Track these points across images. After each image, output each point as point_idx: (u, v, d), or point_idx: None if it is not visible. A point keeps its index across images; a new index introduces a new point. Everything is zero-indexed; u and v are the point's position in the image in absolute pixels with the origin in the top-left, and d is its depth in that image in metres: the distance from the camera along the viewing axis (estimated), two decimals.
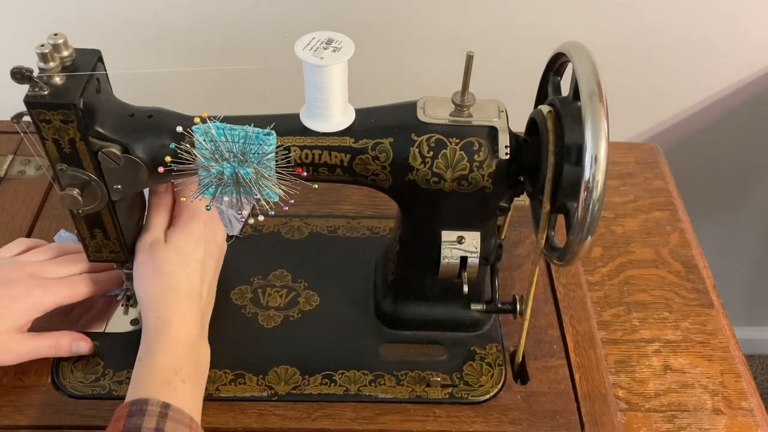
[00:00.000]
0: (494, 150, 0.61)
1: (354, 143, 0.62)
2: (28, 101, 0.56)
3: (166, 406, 0.57)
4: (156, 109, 0.62)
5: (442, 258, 0.66)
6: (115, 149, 0.59)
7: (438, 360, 0.73)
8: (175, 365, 0.61)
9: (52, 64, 0.56)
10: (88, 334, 0.73)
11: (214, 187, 0.61)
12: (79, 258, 0.71)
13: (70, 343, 0.69)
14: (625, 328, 0.79)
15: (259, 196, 0.61)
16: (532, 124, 0.64)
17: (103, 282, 0.72)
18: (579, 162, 0.55)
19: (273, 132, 0.60)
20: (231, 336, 0.74)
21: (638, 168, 0.97)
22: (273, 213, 0.62)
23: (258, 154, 0.60)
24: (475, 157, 0.61)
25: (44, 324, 0.69)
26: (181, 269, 0.66)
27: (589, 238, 0.56)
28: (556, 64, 0.64)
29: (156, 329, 0.63)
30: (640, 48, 1.10)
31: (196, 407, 0.62)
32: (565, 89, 0.62)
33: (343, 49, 0.58)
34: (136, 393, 0.59)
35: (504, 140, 0.61)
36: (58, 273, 0.69)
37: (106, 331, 0.74)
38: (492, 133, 0.62)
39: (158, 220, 0.68)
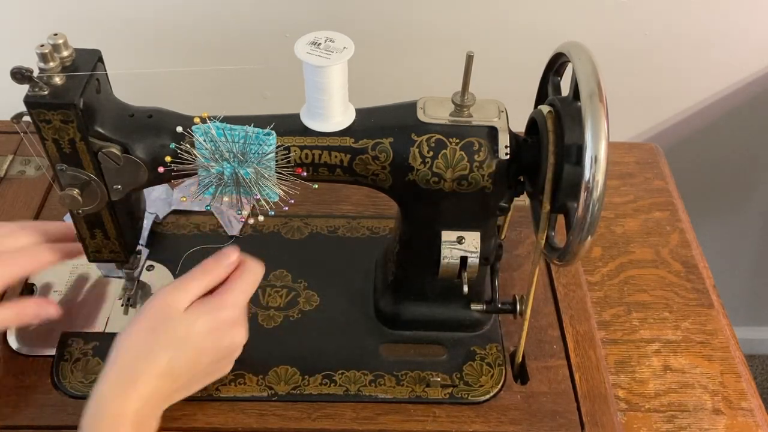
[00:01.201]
0: (494, 150, 0.61)
1: (354, 143, 0.62)
2: (28, 101, 0.56)
3: None
4: (156, 109, 0.62)
5: (442, 258, 0.66)
6: (115, 149, 0.59)
7: (438, 360, 0.73)
8: None
9: (52, 64, 0.56)
10: (88, 334, 0.73)
11: (214, 187, 0.61)
12: (36, 229, 0.68)
13: (36, 308, 0.66)
14: (625, 328, 0.79)
15: (259, 196, 0.62)
16: (532, 124, 0.64)
17: (65, 250, 0.68)
18: (579, 162, 0.55)
19: (273, 132, 0.60)
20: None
21: (638, 168, 0.97)
22: (273, 213, 0.62)
23: (258, 154, 0.60)
24: (475, 157, 0.61)
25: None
26: (174, 347, 0.60)
27: (589, 238, 0.56)
28: (556, 64, 0.64)
29: (113, 390, 0.58)
30: (640, 48, 1.10)
31: None
32: (565, 89, 0.62)
33: (343, 50, 0.58)
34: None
35: (504, 140, 0.61)
36: (15, 245, 0.66)
37: (106, 331, 0.74)
38: (492, 133, 0.62)
39: (196, 284, 0.62)
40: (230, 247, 0.65)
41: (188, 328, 0.60)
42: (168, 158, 0.60)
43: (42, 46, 0.55)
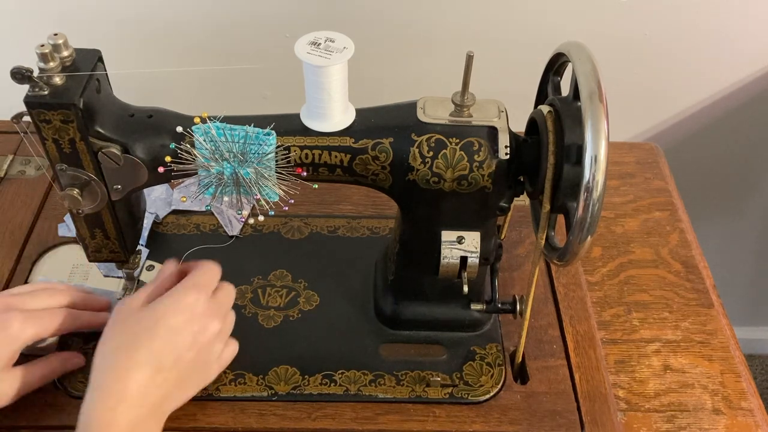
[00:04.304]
0: (494, 150, 0.61)
1: (354, 143, 0.62)
2: (28, 101, 0.56)
3: None
4: (156, 109, 0.62)
5: (442, 258, 0.66)
6: (115, 149, 0.60)
7: (438, 360, 0.73)
8: None
9: (52, 64, 0.56)
10: (88, 334, 0.73)
11: (214, 187, 0.61)
12: (61, 291, 0.68)
13: (62, 363, 0.68)
14: (625, 328, 0.79)
15: (259, 196, 0.62)
16: (532, 124, 0.64)
17: (86, 319, 0.68)
18: (579, 162, 0.55)
19: (273, 132, 0.60)
20: (231, 336, 0.74)
21: (638, 168, 0.97)
22: (273, 213, 0.62)
23: (258, 154, 0.60)
24: (475, 157, 0.61)
25: None
26: (147, 336, 0.60)
27: (589, 238, 0.56)
28: (556, 64, 0.64)
29: (99, 401, 0.57)
30: (640, 48, 1.10)
31: None
32: (565, 89, 0.62)
33: (343, 50, 0.58)
34: None
35: (504, 140, 0.61)
36: (38, 305, 0.65)
37: None
38: (492, 133, 0.62)
39: (144, 291, 0.64)
40: (169, 260, 0.68)
41: (152, 314, 0.61)
42: (168, 158, 0.60)
43: (42, 46, 0.55)
